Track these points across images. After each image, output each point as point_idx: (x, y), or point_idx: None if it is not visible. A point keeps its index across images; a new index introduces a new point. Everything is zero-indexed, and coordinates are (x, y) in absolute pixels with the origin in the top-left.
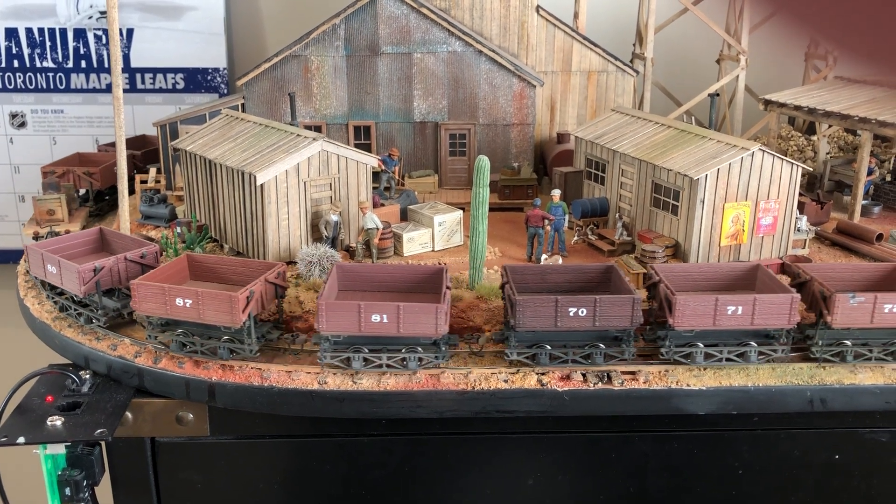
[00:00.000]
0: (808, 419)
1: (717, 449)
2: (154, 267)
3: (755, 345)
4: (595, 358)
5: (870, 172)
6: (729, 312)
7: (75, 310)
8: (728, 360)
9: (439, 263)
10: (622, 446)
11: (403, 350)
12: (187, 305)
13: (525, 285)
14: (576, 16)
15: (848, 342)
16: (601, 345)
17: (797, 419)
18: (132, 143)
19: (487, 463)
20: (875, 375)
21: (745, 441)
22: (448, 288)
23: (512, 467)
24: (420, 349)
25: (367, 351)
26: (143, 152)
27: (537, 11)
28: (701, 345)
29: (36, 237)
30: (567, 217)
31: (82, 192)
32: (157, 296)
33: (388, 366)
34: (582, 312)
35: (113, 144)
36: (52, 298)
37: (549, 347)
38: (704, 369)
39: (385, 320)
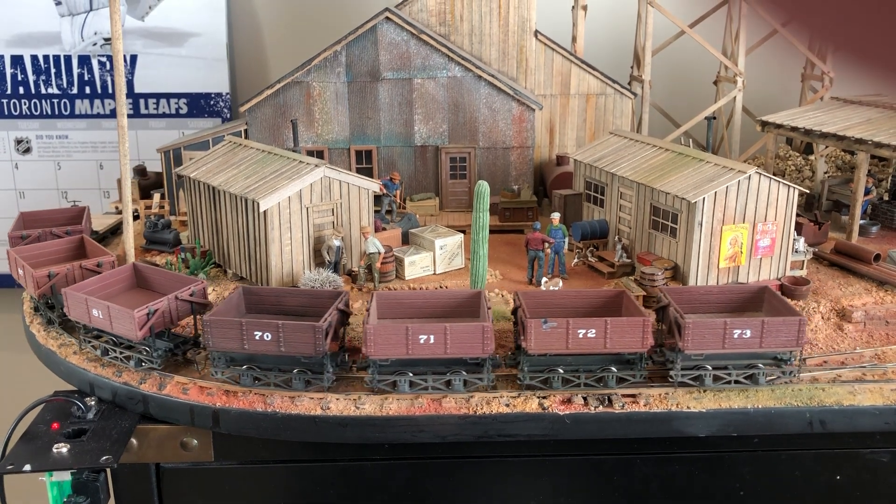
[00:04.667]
0: (808, 440)
1: (719, 470)
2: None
3: (465, 373)
4: (294, 384)
5: (867, 192)
6: (421, 341)
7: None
8: (434, 388)
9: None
10: (624, 469)
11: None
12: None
13: (262, 307)
14: (574, 40)
15: (560, 369)
16: (309, 371)
17: (798, 440)
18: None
19: (490, 486)
20: (874, 396)
21: (746, 462)
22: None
23: (514, 490)
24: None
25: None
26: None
27: (536, 36)
28: (410, 374)
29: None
30: (567, 240)
31: None
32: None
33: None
34: (267, 337)
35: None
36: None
37: (257, 370)
38: (704, 391)
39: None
